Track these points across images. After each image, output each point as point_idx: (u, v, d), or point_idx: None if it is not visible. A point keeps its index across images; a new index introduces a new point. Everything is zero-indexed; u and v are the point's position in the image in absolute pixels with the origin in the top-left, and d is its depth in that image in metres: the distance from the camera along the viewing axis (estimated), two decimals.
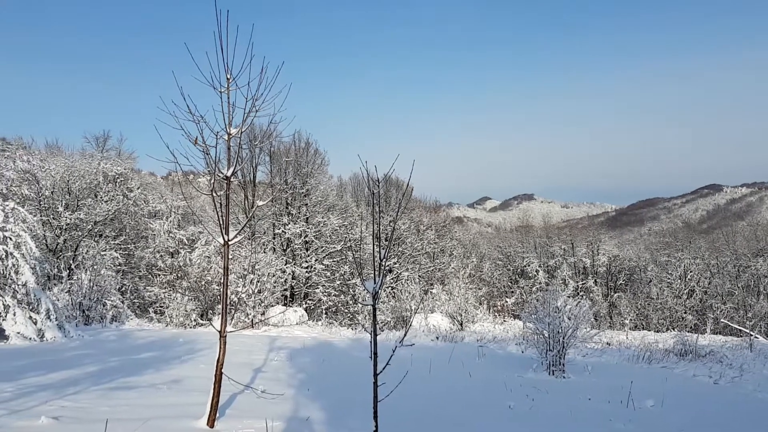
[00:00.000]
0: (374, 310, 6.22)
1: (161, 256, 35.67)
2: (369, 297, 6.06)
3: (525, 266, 51.87)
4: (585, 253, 51.93)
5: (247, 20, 6.93)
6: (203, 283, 30.22)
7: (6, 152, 35.71)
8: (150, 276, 35.10)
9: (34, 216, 26.85)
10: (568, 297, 16.14)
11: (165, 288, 32.69)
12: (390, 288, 35.54)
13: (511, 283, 52.14)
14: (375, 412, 5.87)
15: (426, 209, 52.08)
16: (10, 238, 19.07)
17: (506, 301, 46.12)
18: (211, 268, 31.26)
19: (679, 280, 45.83)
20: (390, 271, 38.50)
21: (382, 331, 26.28)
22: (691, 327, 40.96)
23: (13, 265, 18.87)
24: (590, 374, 14.91)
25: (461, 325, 27.78)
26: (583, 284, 48.41)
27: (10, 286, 18.85)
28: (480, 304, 34.17)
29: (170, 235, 36.43)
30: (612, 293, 49.05)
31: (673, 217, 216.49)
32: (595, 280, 50.19)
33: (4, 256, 18.70)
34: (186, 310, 27.69)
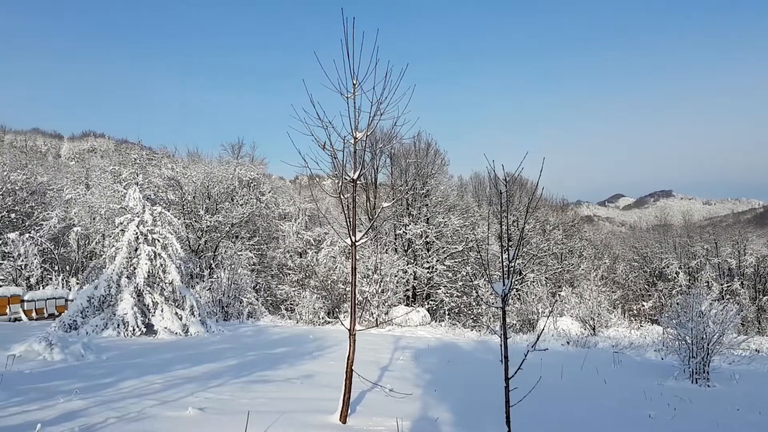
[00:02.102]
0: (504, 312, 6.04)
1: (291, 256, 37.37)
2: (497, 299, 5.88)
3: (663, 268, 48.68)
4: (730, 254, 47.78)
5: (371, 25, 6.99)
6: (329, 282, 31.20)
7: (153, 161, 39.20)
8: (281, 275, 36.88)
9: (179, 219, 29.14)
10: (713, 300, 14.89)
11: (295, 286, 34.19)
12: (515, 290, 34.71)
13: (647, 285, 49.15)
14: (507, 417, 5.67)
15: (552, 208, 50.39)
16: (158, 240, 20.79)
17: (643, 305, 43.51)
18: (336, 267, 32.22)
19: None
20: (519, 273, 37.57)
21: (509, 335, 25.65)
22: None
23: (161, 265, 20.55)
24: (738, 383, 13.68)
25: (593, 329, 26.47)
26: (728, 287, 44.55)
27: (158, 284, 20.56)
28: (614, 307, 32.34)
29: (298, 236, 38.08)
30: (761, 296, 44.84)
31: None
32: (742, 282, 46.03)
33: (153, 257, 20.42)
34: (314, 308, 28.74)
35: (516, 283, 36.29)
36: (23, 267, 31.15)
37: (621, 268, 51.02)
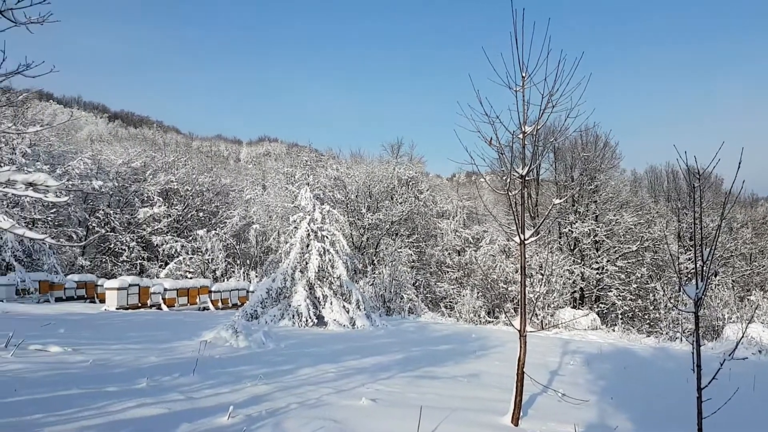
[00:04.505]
0: (696, 318, 5.55)
1: (449, 253, 37.51)
2: (683, 303, 5.35)
3: None
4: None
5: (542, 15, 6.70)
6: (489, 281, 30.80)
7: (320, 162, 41.50)
8: (440, 272, 37.16)
9: (343, 217, 30.54)
10: None
11: (454, 284, 34.25)
12: None
13: None
14: (699, 430, 5.15)
15: (740, 204, 45.41)
16: (327, 237, 21.93)
17: None
18: (496, 266, 31.74)
19: None
20: (715, 274, 34.25)
21: (691, 341, 23.51)
22: None
23: (330, 260, 21.64)
24: None
25: None
26: None
27: (327, 278, 21.68)
28: None
29: (456, 234, 38.09)
30: None
31: None
32: None
33: (322, 252, 21.56)
34: (475, 307, 28.54)
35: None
36: (210, 261, 34.56)
37: None
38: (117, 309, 22.88)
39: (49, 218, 31.56)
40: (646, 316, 31.48)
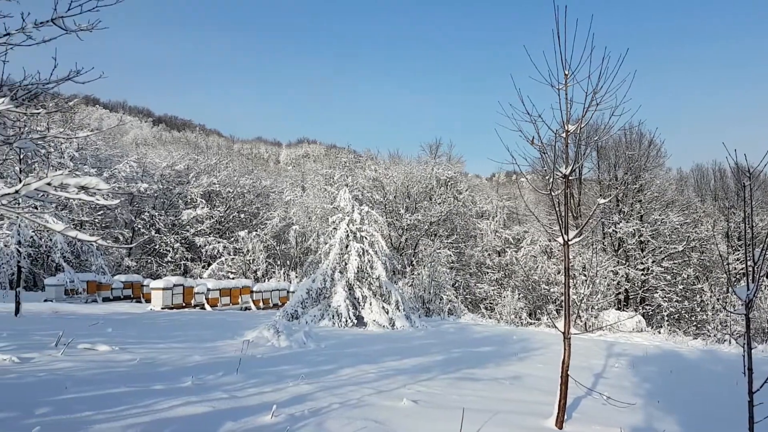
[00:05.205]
0: (747, 320, 5.43)
1: (489, 254, 37.19)
2: (732, 305, 5.20)
3: None
4: None
5: (585, 12, 6.59)
6: (530, 282, 30.41)
7: (358, 163, 41.69)
8: (479, 273, 36.86)
9: (382, 218, 30.58)
10: None
11: (494, 285, 33.92)
12: None
13: None
14: None
15: None
16: (366, 237, 21.99)
17: None
18: (537, 267, 31.31)
19: None
20: (767, 275, 33.03)
21: (741, 343, 22.74)
22: None
23: (369, 261, 21.68)
24: None
25: None
26: None
27: (366, 279, 21.73)
28: None
29: (496, 234, 37.75)
30: None
31: None
32: None
33: (361, 253, 21.62)
34: (516, 308, 28.19)
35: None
36: (251, 261, 35.07)
37: None
38: (162, 309, 23.42)
39: (96, 220, 32.55)
40: (693, 318, 30.54)
